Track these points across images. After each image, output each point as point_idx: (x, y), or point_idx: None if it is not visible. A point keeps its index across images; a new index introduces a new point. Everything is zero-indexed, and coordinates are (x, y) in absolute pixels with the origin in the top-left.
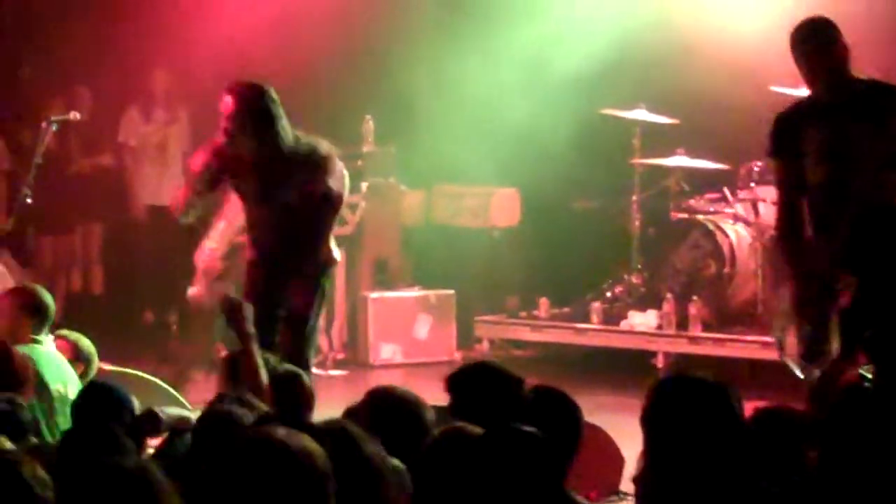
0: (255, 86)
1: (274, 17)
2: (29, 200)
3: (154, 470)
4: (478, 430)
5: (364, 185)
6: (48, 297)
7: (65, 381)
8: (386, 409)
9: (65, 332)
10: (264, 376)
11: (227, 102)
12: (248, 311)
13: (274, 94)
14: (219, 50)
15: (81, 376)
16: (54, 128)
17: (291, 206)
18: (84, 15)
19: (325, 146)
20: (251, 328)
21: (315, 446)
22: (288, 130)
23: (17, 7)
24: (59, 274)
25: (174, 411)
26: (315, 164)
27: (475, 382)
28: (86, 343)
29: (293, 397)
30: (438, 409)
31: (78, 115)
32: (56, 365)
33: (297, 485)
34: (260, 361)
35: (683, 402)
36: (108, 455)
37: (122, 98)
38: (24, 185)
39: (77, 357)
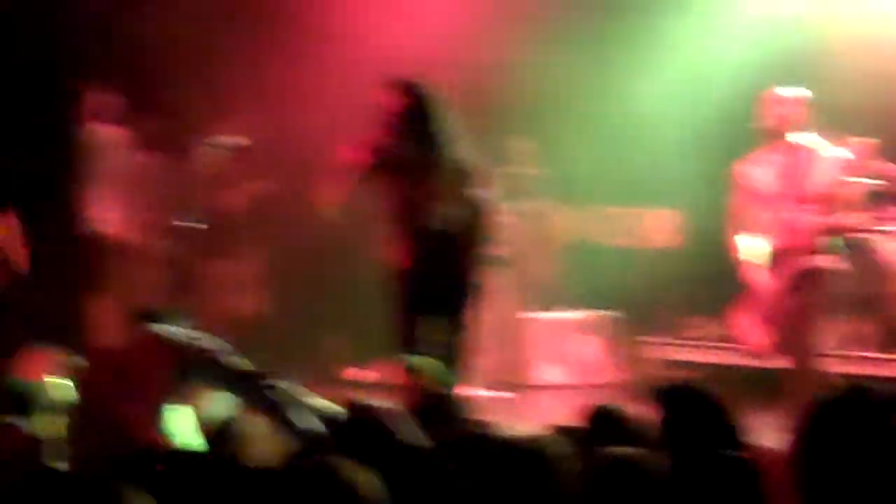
0: (419, 85)
1: (432, 39)
2: (193, 224)
3: None
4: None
5: (522, 206)
6: None
7: None
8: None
9: None
10: None
11: (392, 100)
12: None
13: (438, 95)
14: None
15: None
16: (213, 151)
17: (442, 213)
18: (248, 47)
19: (476, 159)
20: None
21: (371, 479)
22: (449, 134)
23: (183, 35)
24: (223, 297)
25: None
26: (468, 175)
27: (689, 403)
28: None
29: None
30: (572, 431)
31: (242, 140)
32: None
33: None
34: None
35: (837, 418)
36: None
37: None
38: (186, 210)
39: None
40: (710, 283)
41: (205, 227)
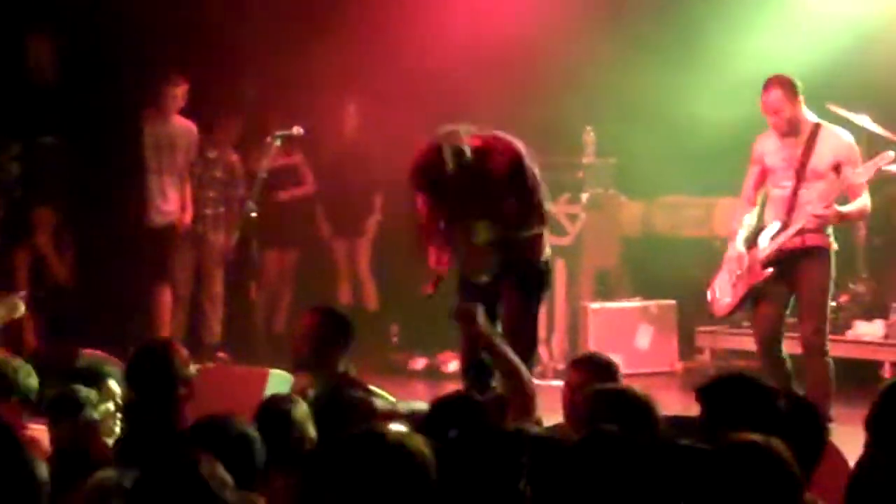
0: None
1: (496, 29)
2: (254, 215)
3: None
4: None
5: (584, 196)
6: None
7: None
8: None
9: None
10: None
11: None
12: (480, 313)
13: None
14: (438, 62)
15: None
16: (278, 143)
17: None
18: (302, 38)
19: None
20: (489, 328)
21: (425, 448)
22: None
23: (240, 34)
24: (283, 288)
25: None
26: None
27: (730, 393)
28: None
29: None
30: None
31: (301, 131)
32: None
33: (405, 482)
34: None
35: None
36: None
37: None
38: (249, 200)
39: None
40: None
41: (255, 216)
